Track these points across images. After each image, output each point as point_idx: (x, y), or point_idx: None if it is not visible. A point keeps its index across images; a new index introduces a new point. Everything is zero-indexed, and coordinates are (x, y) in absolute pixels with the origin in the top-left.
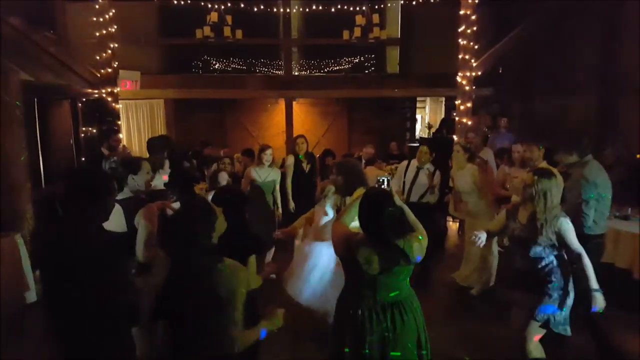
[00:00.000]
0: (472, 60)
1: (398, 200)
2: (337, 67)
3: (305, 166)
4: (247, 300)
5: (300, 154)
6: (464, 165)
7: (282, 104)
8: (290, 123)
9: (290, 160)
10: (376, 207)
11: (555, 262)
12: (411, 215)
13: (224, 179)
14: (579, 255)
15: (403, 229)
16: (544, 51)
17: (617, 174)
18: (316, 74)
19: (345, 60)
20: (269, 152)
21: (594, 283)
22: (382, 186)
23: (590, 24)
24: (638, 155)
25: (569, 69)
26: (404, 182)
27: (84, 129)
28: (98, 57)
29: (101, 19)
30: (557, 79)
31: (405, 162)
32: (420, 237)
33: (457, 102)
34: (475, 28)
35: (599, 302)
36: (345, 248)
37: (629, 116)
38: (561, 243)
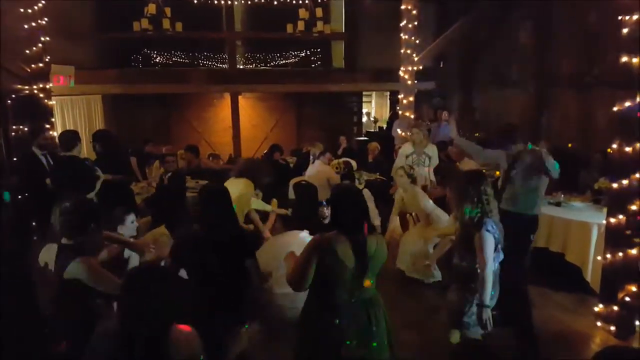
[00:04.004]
0: (414, 55)
1: (367, 193)
2: (283, 61)
3: None
4: None
5: None
6: (407, 188)
7: (227, 99)
8: (237, 118)
9: None
10: (348, 199)
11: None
12: (372, 204)
13: None
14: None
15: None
16: (483, 45)
17: None
18: (262, 67)
19: (291, 54)
20: None
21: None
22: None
23: (526, 20)
24: (569, 145)
25: (507, 63)
26: None
27: (14, 127)
28: (28, 51)
29: (30, 11)
30: (496, 72)
31: None
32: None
33: (400, 96)
34: (416, 23)
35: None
36: (317, 251)
37: (562, 108)
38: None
